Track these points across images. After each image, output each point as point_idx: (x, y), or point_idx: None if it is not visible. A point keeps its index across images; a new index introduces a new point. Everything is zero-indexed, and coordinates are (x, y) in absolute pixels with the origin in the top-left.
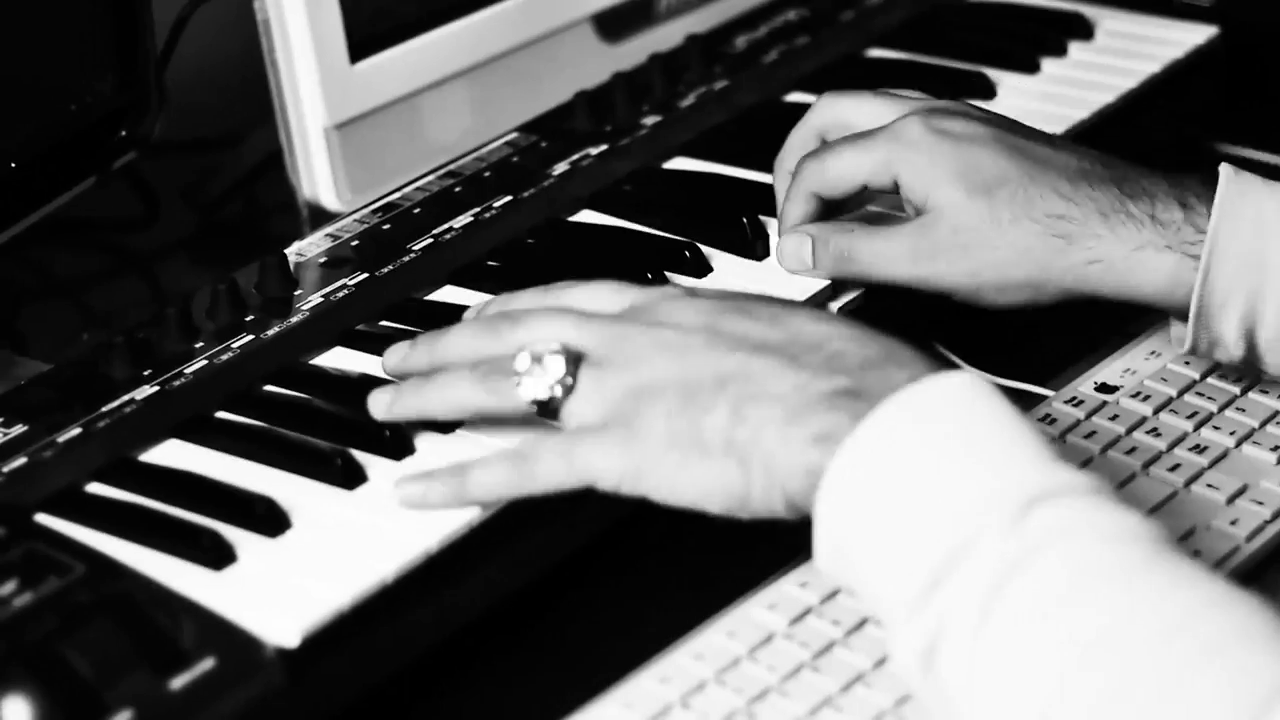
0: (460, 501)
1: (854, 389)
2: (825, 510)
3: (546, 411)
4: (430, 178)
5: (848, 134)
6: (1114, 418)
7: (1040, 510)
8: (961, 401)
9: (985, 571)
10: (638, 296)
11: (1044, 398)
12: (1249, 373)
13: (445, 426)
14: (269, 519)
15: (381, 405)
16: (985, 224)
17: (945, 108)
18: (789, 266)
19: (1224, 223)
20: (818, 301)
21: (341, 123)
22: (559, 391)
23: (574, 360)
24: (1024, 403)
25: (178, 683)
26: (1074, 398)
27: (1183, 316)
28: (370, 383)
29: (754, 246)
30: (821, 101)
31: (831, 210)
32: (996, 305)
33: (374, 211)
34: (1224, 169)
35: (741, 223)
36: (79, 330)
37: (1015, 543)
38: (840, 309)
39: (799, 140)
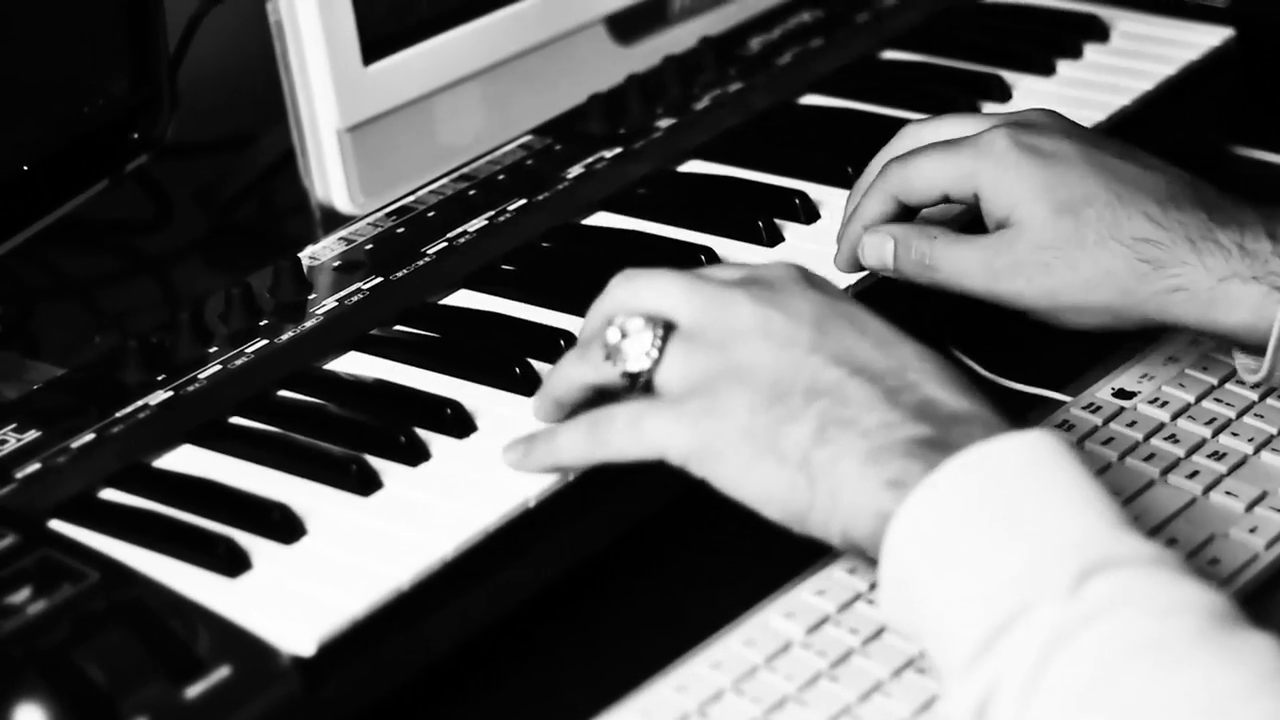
0: (550, 465)
1: (937, 440)
2: (890, 557)
3: (640, 384)
4: (444, 181)
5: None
6: (1132, 424)
7: (1097, 580)
8: (1032, 461)
9: (1036, 640)
10: (755, 270)
11: (1061, 403)
12: (1270, 410)
13: (461, 431)
14: (284, 526)
15: (531, 407)
16: (1069, 243)
17: (1034, 121)
18: (869, 263)
19: None
20: None
21: (354, 125)
22: (646, 364)
23: (664, 329)
24: (1041, 408)
25: (193, 691)
26: (1091, 404)
27: (1254, 350)
28: (385, 388)
29: (771, 249)
30: (904, 131)
31: (908, 217)
32: (1074, 326)
33: (388, 215)
34: None
35: (757, 225)
36: (92, 333)
37: (1067, 612)
38: (850, 289)
39: (879, 167)
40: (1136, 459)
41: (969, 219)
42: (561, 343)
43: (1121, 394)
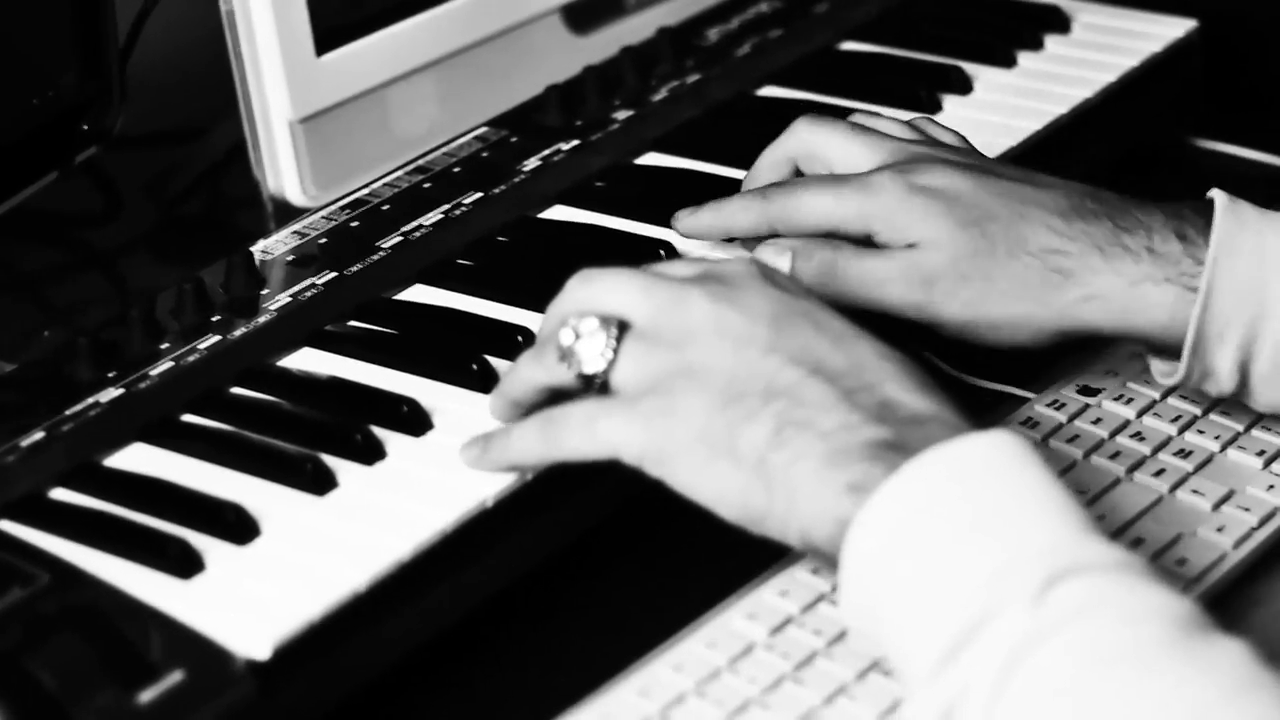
0: (505, 464)
1: (896, 442)
2: (850, 564)
3: (596, 385)
4: (399, 173)
5: (820, 169)
6: (1097, 421)
7: (1062, 586)
8: (993, 463)
9: (1001, 648)
10: (712, 267)
11: (1025, 400)
12: (1237, 406)
13: (417, 429)
14: (238, 526)
15: (488, 406)
16: (980, 255)
17: (923, 156)
18: None
19: (1223, 253)
20: None
21: (307, 116)
22: (601, 364)
23: (618, 329)
24: (1006, 405)
25: (146, 696)
26: (1056, 400)
27: (1171, 351)
28: (340, 385)
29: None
30: (797, 127)
31: None
32: (991, 344)
33: (341, 208)
34: (1219, 198)
35: None
36: (41, 329)
37: (1033, 620)
38: None
39: (769, 164)
40: (1102, 457)
41: None
42: (519, 339)
43: (1086, 390)
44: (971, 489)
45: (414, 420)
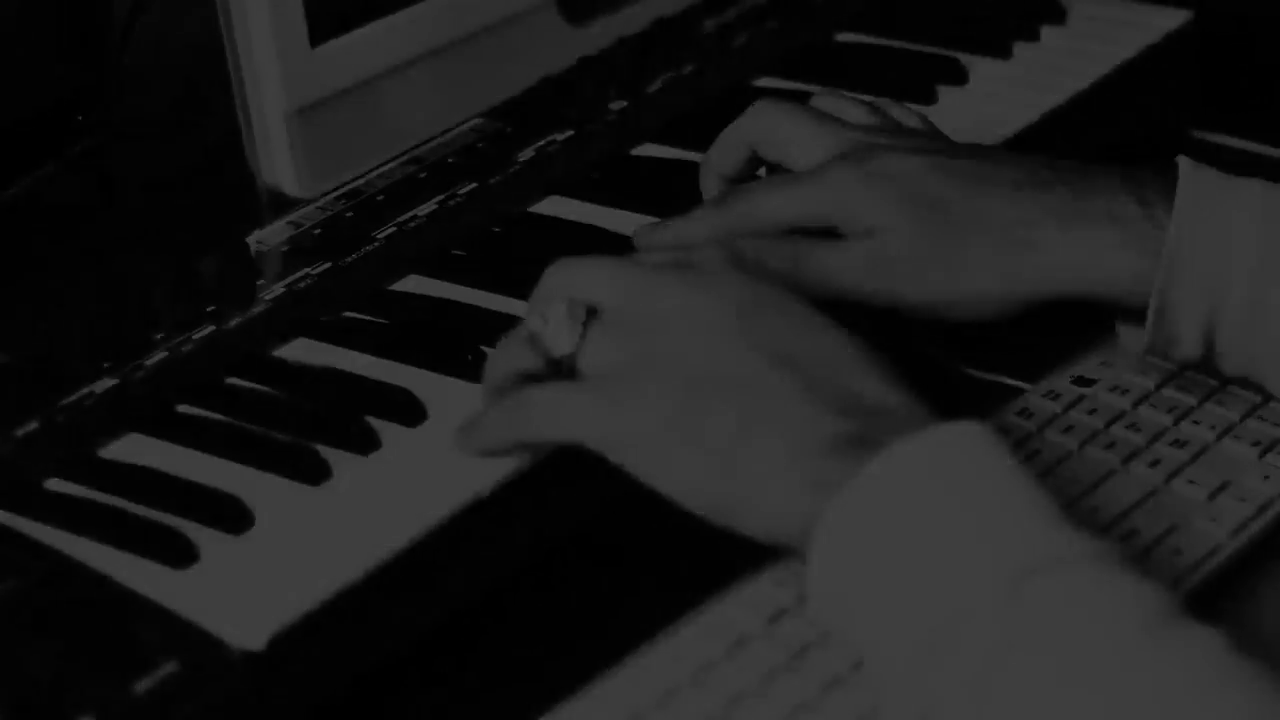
0: (480, 447)
1: (860, 436)
2: (816, 562)
3: (564, 370)
4: (393, 164)
5: (776, 154)
6: (1092, 412)
7: (1034, 583)
8: (960, 456)
9: (977, 649)
10: (686, 255)
11: (1021, 391)
12: (1205, 373)
13: (412, 419)
14: (232, 516)
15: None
16: (938, 236)
17: (878, 143)
18: None
19: (1186, 219)
20: None
21: (302, 107)
22: (568, 349)
23: (586, 315)
24: (1000, 397)
25: (140, 687)
26: (1051, 391)
27: (1138, 317)
28: (335, 375)
29: None
30: (755, 110)
31: None
32: (957, 319)
33: (337, 199)
34: (1182, 162)
35: None
36: (34, 319)
37: (1007, 620)
38: None
39: (725, 147)
40: (1096, 447)
41: None
42: None
43: (1081, 381)
44: (936, 484)
45: (409, 411)
